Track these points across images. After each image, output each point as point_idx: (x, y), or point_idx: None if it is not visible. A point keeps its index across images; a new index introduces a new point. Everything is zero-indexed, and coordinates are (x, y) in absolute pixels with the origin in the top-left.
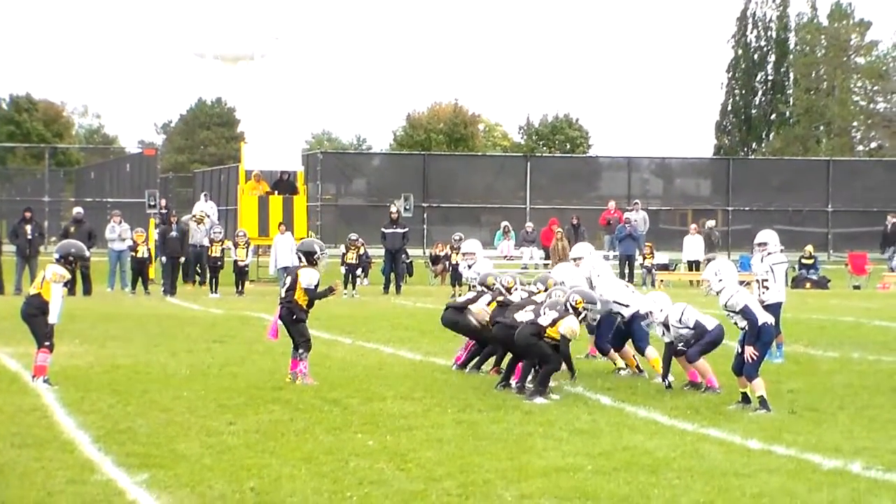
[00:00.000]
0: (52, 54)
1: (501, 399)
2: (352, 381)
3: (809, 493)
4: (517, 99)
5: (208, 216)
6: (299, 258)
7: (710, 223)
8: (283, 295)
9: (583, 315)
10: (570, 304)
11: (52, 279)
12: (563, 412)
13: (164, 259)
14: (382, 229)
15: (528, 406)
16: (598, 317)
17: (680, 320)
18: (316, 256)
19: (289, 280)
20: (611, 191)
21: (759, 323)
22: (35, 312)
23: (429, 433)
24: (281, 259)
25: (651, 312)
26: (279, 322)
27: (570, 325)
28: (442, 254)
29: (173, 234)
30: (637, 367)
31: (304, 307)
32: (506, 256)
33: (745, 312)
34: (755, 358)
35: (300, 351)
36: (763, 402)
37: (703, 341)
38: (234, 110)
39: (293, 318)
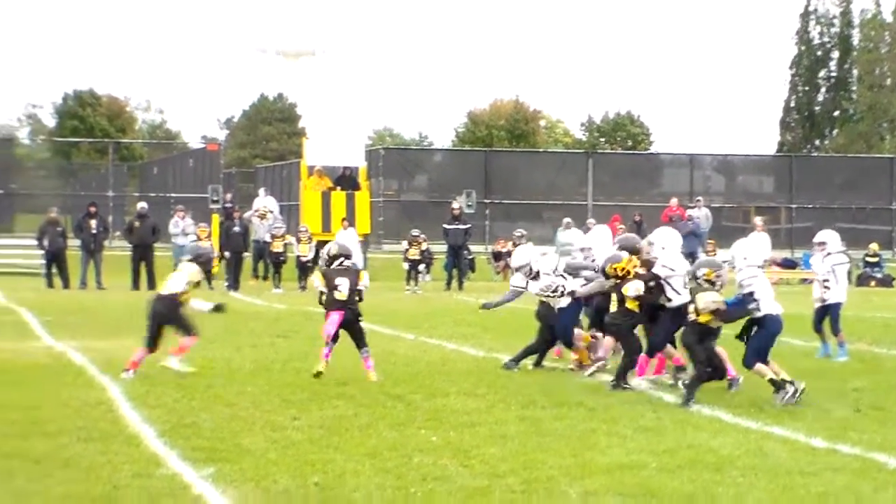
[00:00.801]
0: (115, 50)
1: (565, 396)
2: (415, 377)
3: (875, 492)
4: (579, 95)
5: (271, 212)
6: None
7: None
8: (345, 296)
9: (719, 284)
10: (701, 279)
11: (189, 279)
12: (626, 409)
13: (227, 254)
14: (444, 225)
15: (592, 403)
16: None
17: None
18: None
19: (346, 282)
20: (673, 188)
21: (763, 314)
22: (168, 312)
23: (492, 429)
24: None
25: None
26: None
27: (710, 300)
28: (504, 250)
29: (236, 229)
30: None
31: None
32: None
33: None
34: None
35: (367, 349)
36: (774, 384)
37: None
38: (296, 106)
39: (358, 318)
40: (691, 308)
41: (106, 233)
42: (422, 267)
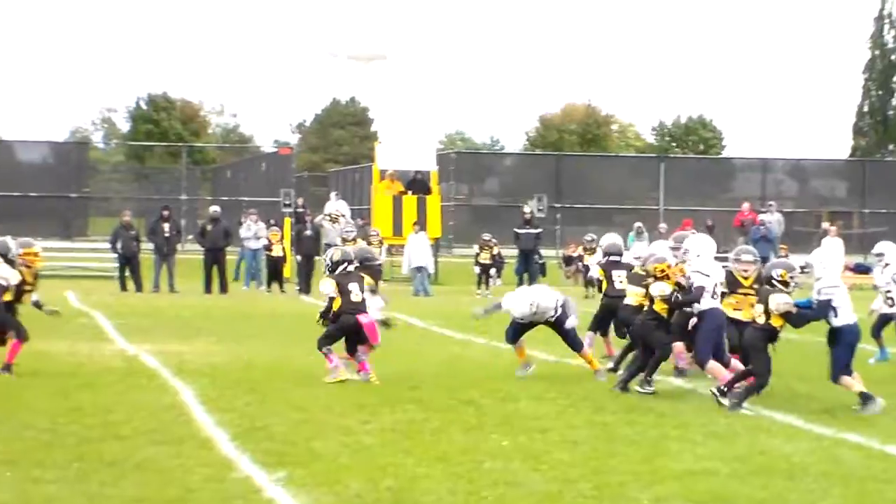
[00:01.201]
0: (189, 54)
1: (635, 401)
2: (486, 381)
3: None
4: (651, 99)
5: (343, 215)
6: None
7: (662, 227)
8: (360, 298)
9: (793, 286)
10: (776, 280)
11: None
12: (697, 415)
13: (298, 258)
14: (515, 230)
15: (662, 408)
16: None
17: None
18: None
19: (357, 285)
20: (745, 192)
21: (840, 324)
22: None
23: (563, 434)
24: (415, 259)
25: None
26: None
27: (783, 301)
28: (574, 254)
29: (308, 233)
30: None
31: None
32: (639, 258)
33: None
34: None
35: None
36: (862, 396)
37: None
38: (368, 110)
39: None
40: (760, 310)
41: (179, 236)
42: (493, 271)
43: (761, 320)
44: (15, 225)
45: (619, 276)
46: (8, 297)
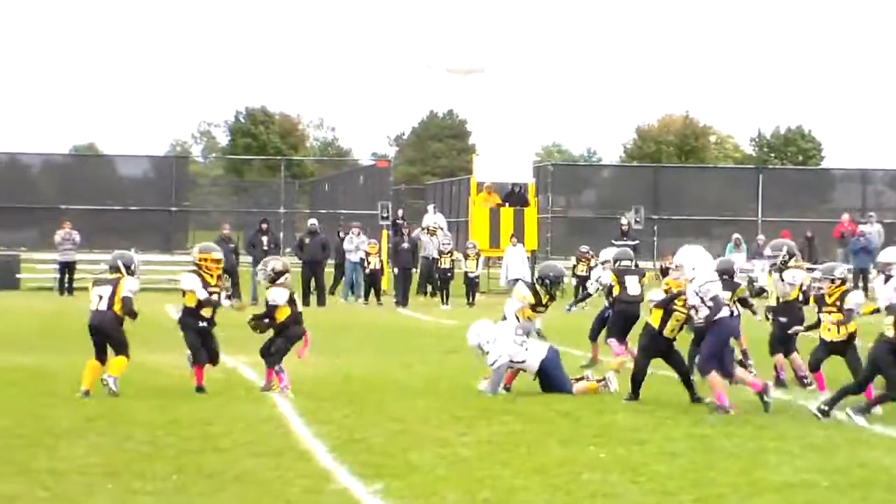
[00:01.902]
0: (287, 67)
1: (733, 413)
2: (583, 393)
3: None
4: (749, 110)
5: (441, 228)
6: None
7: (761, 238)
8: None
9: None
10: None
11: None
12: (795, 427)
13: (395, 270)
14: (613, 242)
15: (760, 420)
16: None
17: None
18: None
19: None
20: (844, 203)
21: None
22: None
23: (661, 446)
24: (512, 271)
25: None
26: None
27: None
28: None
29: (405, 245)
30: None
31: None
32: (744, 270)
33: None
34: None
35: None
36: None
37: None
38: (466, 122)
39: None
40: (889, 321)
41: (277, 249)
42: (589, 282)
43: (890, 333)
44: (115, 238)
45: (632, 282)
46: (114, 307)
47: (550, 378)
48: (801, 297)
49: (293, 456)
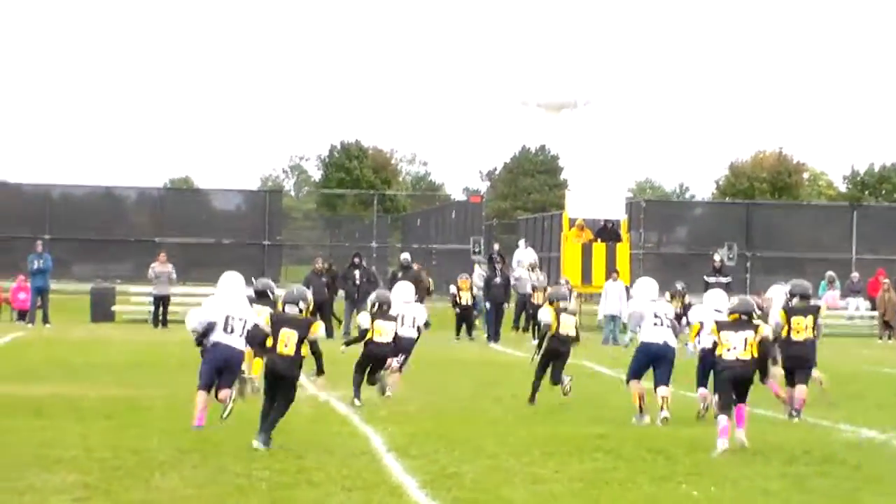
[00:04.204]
0: (381, 102)
1: (828, 451)
2: (675, 429)
3: None
4: (843, 147)
5: (538, 266)
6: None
7: (854, 276)
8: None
9: None
10: None
11: None
12: (893, 467)
13: (487, 305)
14: (706, 278)
15: (856, 460)
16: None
17: None
18: None
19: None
20: None
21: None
22: None
23: (754, 485)
24: (609, 306)
25: None
26: None
27: None
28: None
29: (497, 280)
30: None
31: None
32: (830, 307)
33: None
34: None
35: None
36: None
37: None
38: (558, 158)
39: None
40: None
41: (370, 283)
42: (684, 320)
43: None
44: (208, 271)
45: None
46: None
47: None
48: None
49: (385, 490)
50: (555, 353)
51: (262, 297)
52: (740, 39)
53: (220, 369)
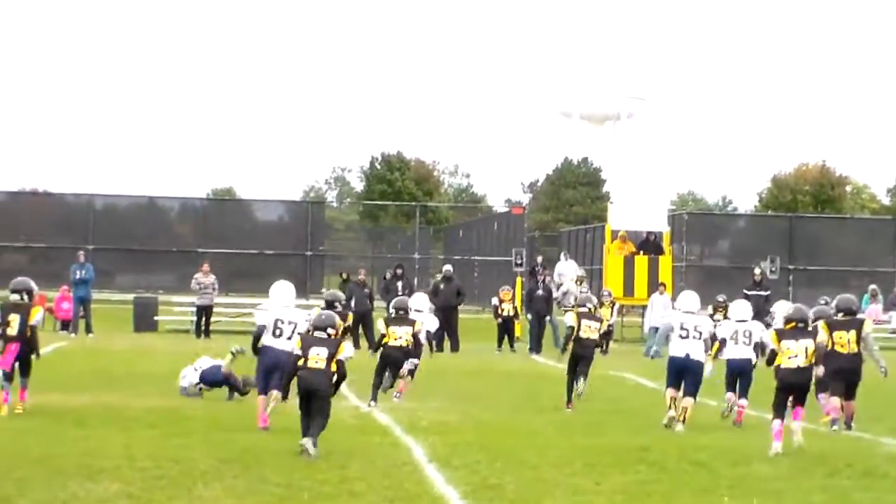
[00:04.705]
0: (424, 114)
1: (870, 465)
2: (718, 442)
3: None
4: (886, 160)
5: (584, 278)
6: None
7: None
8: None
9: None
10: None
11: None
12: None
13: (529, 316)
14: (745, 291)
15: None
16: None
17: None
18: None
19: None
20: None
21: None
22: None
23: (796, 498)
24: (655, 318)
25: None
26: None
27: None
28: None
29: (539, 292)
30: None
31: None
32: (873, 321)
33: None
34: None
35: None
36: None
37: None
38: (600, 170)
39: None
40: None
41: (412, 295)
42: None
43: None
44: (251, 282)
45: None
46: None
47: None
48: None
49: (427, 501)
50: (578, 356)
51: (330, 308)
52: (784, 52)
53: (270, 371)
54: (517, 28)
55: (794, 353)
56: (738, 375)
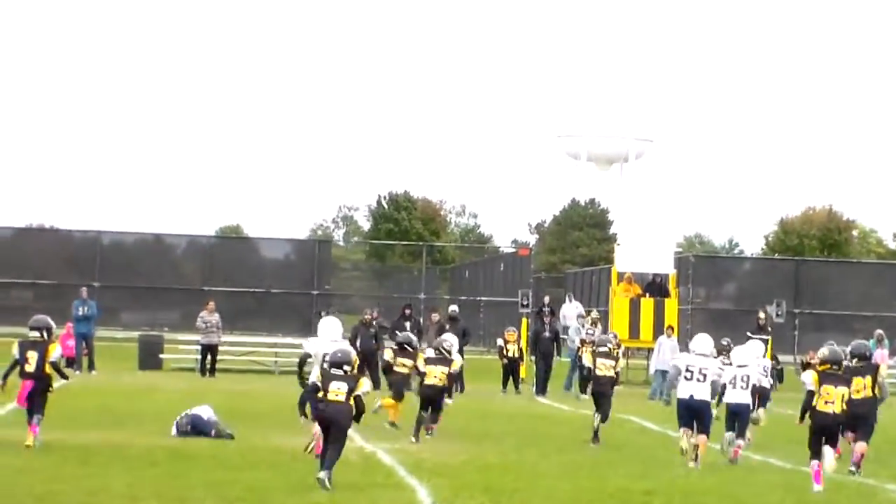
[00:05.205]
0: (432, 153)
1: None
2: (722, 486)
3: None
4: (893, 205)
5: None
6: None
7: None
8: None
9: None
10: None
11: None
12: None
13: (534, 358)
14: (748, 334)
15: None
16: None
17: None
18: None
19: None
20: None
21: None
22: None
23: None
24: (660, 362)
25: None
26: None
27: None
28: (812, 361)
29: (546, 334)
30: None
31: None
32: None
33: None
34: None
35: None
36: None
37: None
38: (607, 212)
39: None
40: None
41: (420, 335)
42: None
43: None
44: (257, 321)
45: None
46: None
47: None
48: None
49: None
50: (596, 394)
51: (403, 350)
52: (794, 95)
53: None
54: (526, 69)
55: (832, 400)
56: (736, 417)
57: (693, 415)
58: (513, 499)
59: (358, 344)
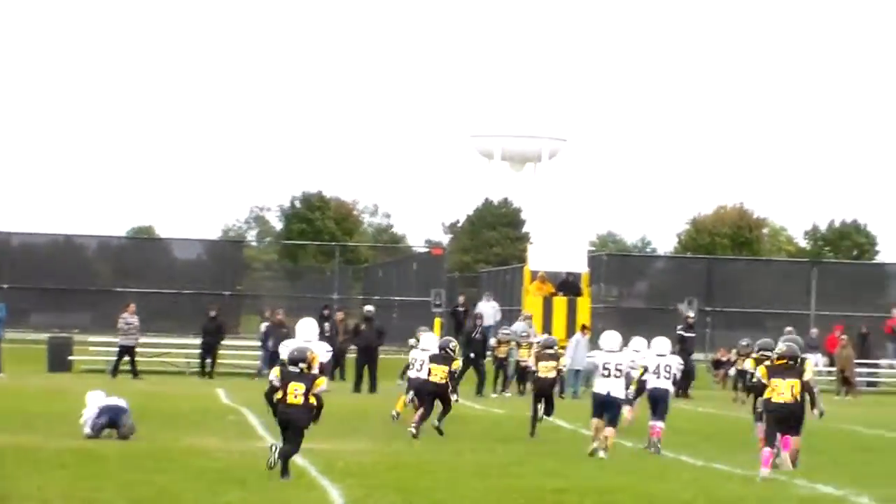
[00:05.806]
0: (344, 154)
1: None
2: (634, 485)
3: None
4: (803, 203)
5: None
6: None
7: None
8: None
9: None
10: None
11: None
12: None
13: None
14: (680, 332)
15: None
16: None
17: None
18: None
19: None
20: None
21: None
22: None
23: None
24: (577, 360)
25: None
26: None
27: None
28: (724, 359)
29: (477, 335)
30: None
31: None
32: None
33: None
34: None
35: None
36: None
37: None
38: (521, 211)
39: None
40: None
41: (337, 335)
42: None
43: None
44: (168, 322)
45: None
46: None
47: None
48: None
49: None
50: (538, 392)
51: (438, 359)
52: (704, 94)
53: None
54: (439, 68)
55: (782, 391)
56: (657, 402)
57: (605, 408)
58: (426, 498)
59: (270, 344)
